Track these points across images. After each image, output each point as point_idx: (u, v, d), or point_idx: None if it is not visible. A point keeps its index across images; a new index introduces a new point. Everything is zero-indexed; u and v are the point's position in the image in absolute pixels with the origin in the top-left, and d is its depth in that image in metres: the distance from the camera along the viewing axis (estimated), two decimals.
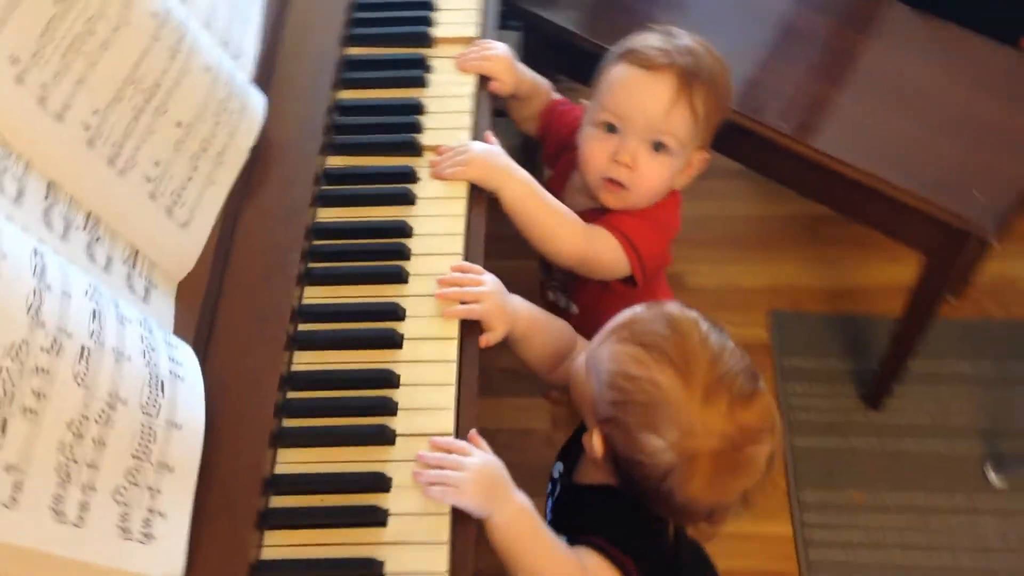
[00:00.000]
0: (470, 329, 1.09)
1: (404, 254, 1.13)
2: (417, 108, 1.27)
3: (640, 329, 1.09)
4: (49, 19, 0.95)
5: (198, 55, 1.09)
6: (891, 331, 1.85)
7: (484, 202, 1.21)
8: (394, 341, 1.06)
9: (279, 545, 0.93)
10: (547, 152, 1.51)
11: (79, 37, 0.97)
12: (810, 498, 1.86)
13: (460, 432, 1.02)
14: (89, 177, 0.98)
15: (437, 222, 1.17)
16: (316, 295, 1.10)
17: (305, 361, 1.05)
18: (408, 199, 1.18)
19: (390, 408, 1.01)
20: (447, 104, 1.28)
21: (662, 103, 1.28)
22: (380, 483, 0.96)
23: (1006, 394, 2.02)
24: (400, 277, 1.11)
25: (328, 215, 1.16)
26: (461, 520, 0.96)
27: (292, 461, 0.98)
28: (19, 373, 0.79)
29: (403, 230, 1.15)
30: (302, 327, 1.07)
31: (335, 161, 1.22)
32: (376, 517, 0.94)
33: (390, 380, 1.03)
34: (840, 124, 1.70)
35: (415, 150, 1.23)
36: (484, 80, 1.33)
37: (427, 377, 1.04)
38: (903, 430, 1.95)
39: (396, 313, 1.08)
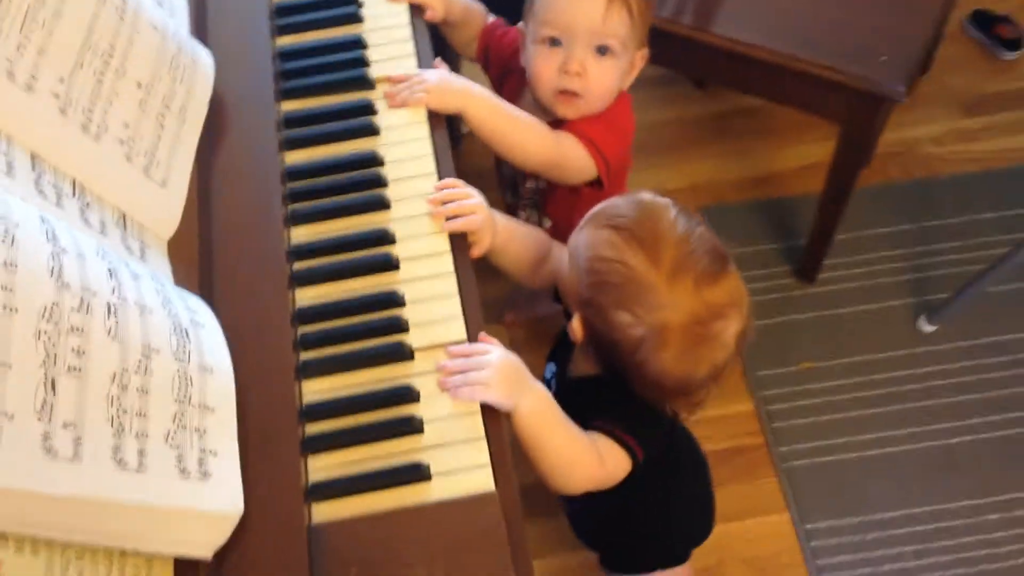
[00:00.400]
0: (459, 242, 1.13)
1: (382, 182, 1.15)
2: (359, 43, 1.28)
3: (613, 214, 1.15)
4: None
5: (143, 14, 1.09)
6: (816, 205, 1.94)
7: (443, 122, 1.24)
8: (391, 263, 1.09)
9: (326, 467, 0.96)
10: (491, 77, 1.55)
11: (32, 8, 0.96)
12: (765, 374, 1.95)
13: (471, 337, 1.05)
14: (68, 145, 0.98)
15: (405, 148, 1.19)
16: (304, 234, 1.12)
17: (308, 296, 1.07)
18: (373, 130, 1.20)
19: (401, 326, 1.05)
20: (387, 35, 1.30)
21: (599, 7, 1.33)
22: (409, 395, 1.00)
23: (922, 249, 2.15)
24: (383, 203, 1.14)
25: (298, 157, 1.18)
26: (491, 415, 1.00)
27: (317, 391, 1.01)
28: (57, 333, 0.80)
29: (375, 159, 1.17)
30: (298, 265, 1.09)
31: (291, 105, 1.23)
32: (413, 425, 0.98)
33: (395, 300, 1.06)
34: (738, 8, 1.77)
35: (368, 84, 1.25)
36: (417, 9, 1.35)
37: (429, 292, 1.08)
38: (838, 298, 2.06)
39: (387, 237, 1.11)
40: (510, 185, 1.57)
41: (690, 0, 1.78)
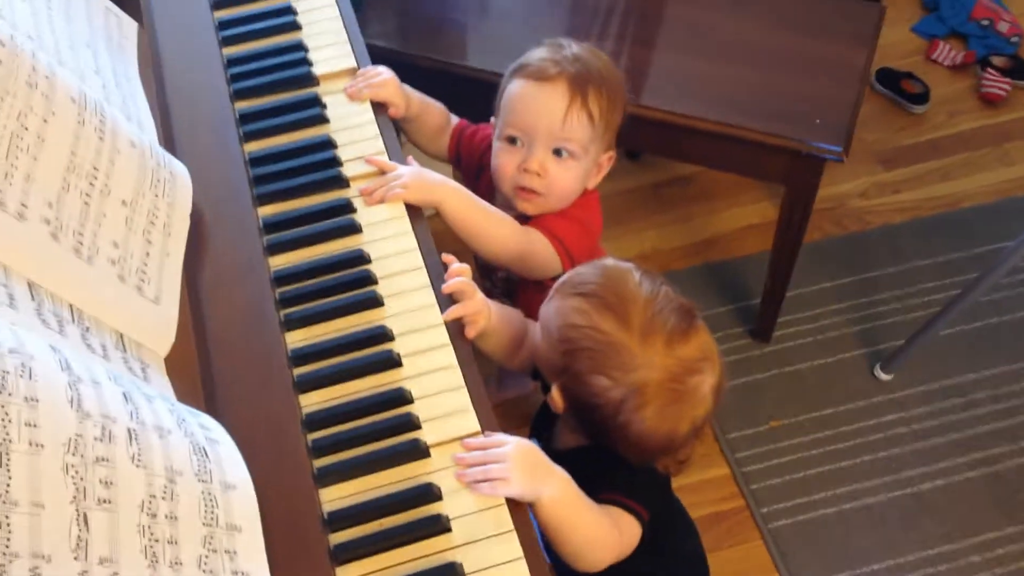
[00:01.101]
0: (458, 333, 1.13)
1: (372, 279, 1.15)
2: (329, 143, 1.28)
3: (579, 282, 1.18)
4: None
5: (121, 132, 1.08)
6: (761, 265, 1.99)
7: (422, 215, 1.24)
8: (394, 361, 1.08)
9: None
10: (465, 176, 1.56)
11: (15, 134, 0.95)
12: (735, 436, 1.97)
13: (483, 427, 1.04)
14: (63, 270, 0.95)
15: (389, 243, 1.19)
16: (300, 338, 1.10)
17: (313, 403, 1.05)
18: (355, 228, 1.20)
19: (414, 423, 1.03)
20: (355, 134, 1.30)
21: (558, 111, 1.35)
22: (431, 494, 0.98)
23: (866, 300, 2.21)
24: (376, 301, 1.13)
25: (282, 261, 1.17)
26: (516, 505, 0.99)
27: (337, 497, 0.98)
28: (84, 466, 0.78)
29: (362, 257, 1.17)
30: (298, 371, 1.07)
31: (269, 210, 1.22)
32: (440, 525, 0.96)
33: (404, 397, 1.05)
34: (675, 83, 1.82)
35: (343, 182, 1.24)
36: (379, 106, 1.36)
37: (436, 386, 1.07)
38: (795, 354, 2.10)
39: (386, 335, 1.10)
40: (484, 272, 1.58)
41: (624, 75, 1.82)
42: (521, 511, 0.99)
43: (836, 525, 1.86)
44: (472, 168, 1.53)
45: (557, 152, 1.39)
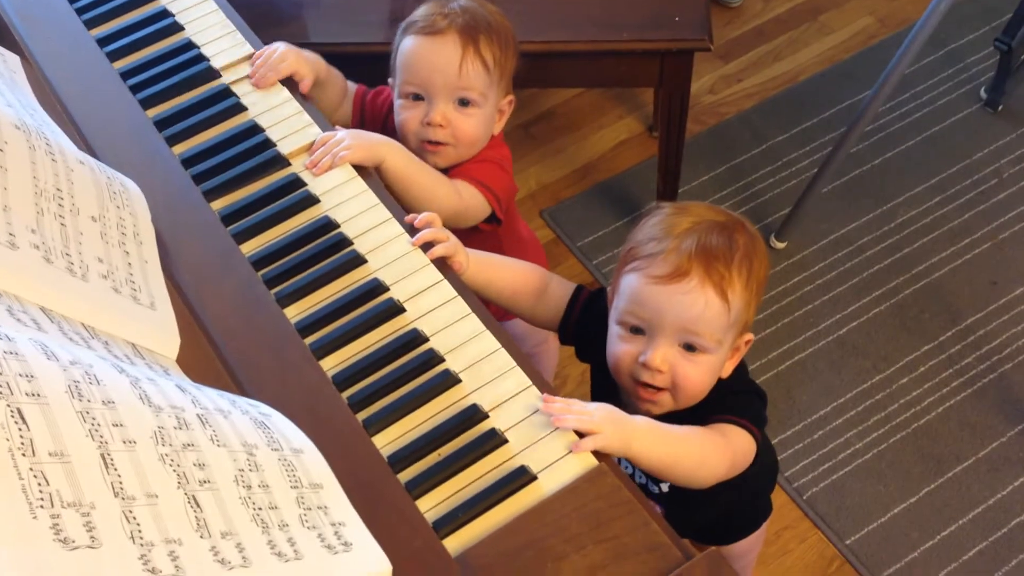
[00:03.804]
0: (446, 269, 1.16)
1: (347, 241, 1.17)
2: (256, 128, 1.29)
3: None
4: None
5: (68, 151, 1.06)
6: (657, 167, 2.08)
7: (371, 173, 1.26)
8: (398, 308, 1.10)
9: (437, 504, 0.96)
10: None
11: None
12: None
13: (502, 345, 1.08)
14: (64, 291, 0.94)
15: (351, 205, 1.21)
16: (298, 311, 1.11)
17: (334, 364, 1.07)
18: (313, 200, 1.21)
19: (438, 357, 1.06)
20: (278, 113, 1.31)
21: (453, 62, 1.38)
22: (478, 413, 1.02)
23: (744, 181, 2.35)
24: (359, 259, 1.15)
25: (254, 246, 1.17)
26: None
27: (391, 440, 1.01)
28: (176, 454, 0.79)
29: (330, 224, 1.18)
30: (308, 340, 1.08)
31: (219, 204, 1.21)
32: (497, 438, 1.00)
33: (419, 338, 1.08)
34: (533, 17, 1.87)
35: (284, 162, 1.25)
36: (291, 82, 1.36)
37: (444, 320, 1.10)
38: None
39: (381, 287, 1.12)
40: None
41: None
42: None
43: (776, 387, 1.98)
44: (376, 131, 1.54)
45: (458, 103, 1.42)
